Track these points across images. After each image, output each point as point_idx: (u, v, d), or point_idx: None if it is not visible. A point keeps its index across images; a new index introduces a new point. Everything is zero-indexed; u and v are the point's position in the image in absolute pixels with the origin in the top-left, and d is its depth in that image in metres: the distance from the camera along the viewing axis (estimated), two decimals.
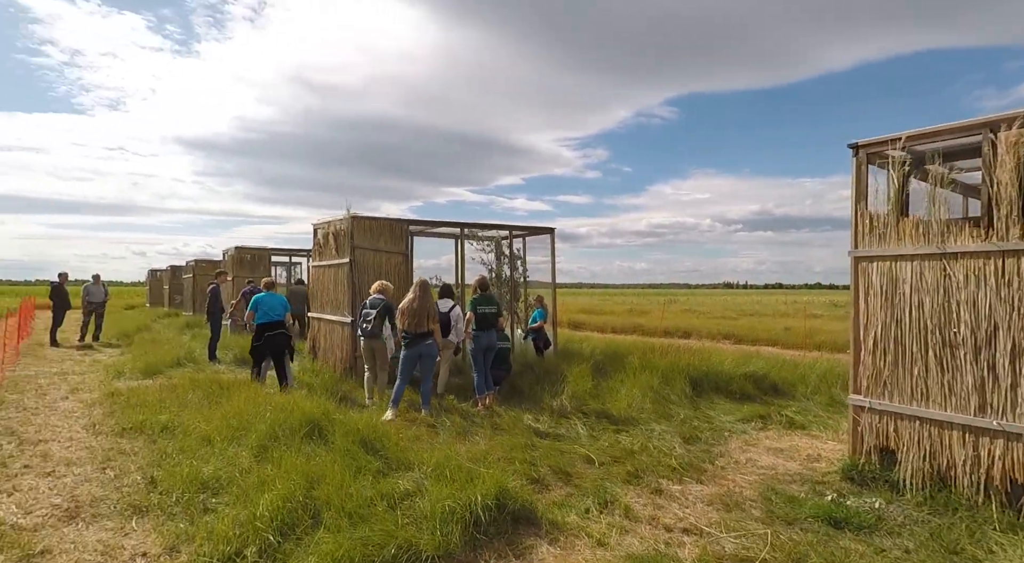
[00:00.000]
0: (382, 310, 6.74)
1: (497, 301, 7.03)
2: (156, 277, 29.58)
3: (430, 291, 6.66)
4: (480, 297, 6.83)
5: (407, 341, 6.43)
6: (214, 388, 6.95)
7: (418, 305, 6.40)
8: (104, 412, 6.23)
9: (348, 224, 8.12)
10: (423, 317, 6.38)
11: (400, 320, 6.50)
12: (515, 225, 9.80)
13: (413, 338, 6.38)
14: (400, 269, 8.48)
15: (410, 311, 6.40)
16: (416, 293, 6.49)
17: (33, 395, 7.27)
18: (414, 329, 6.37)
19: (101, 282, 13.61)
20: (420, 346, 6.35)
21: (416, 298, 6.45)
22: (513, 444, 4.96)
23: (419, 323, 6.37)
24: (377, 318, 6.70)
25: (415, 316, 6.37)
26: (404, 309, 6.45)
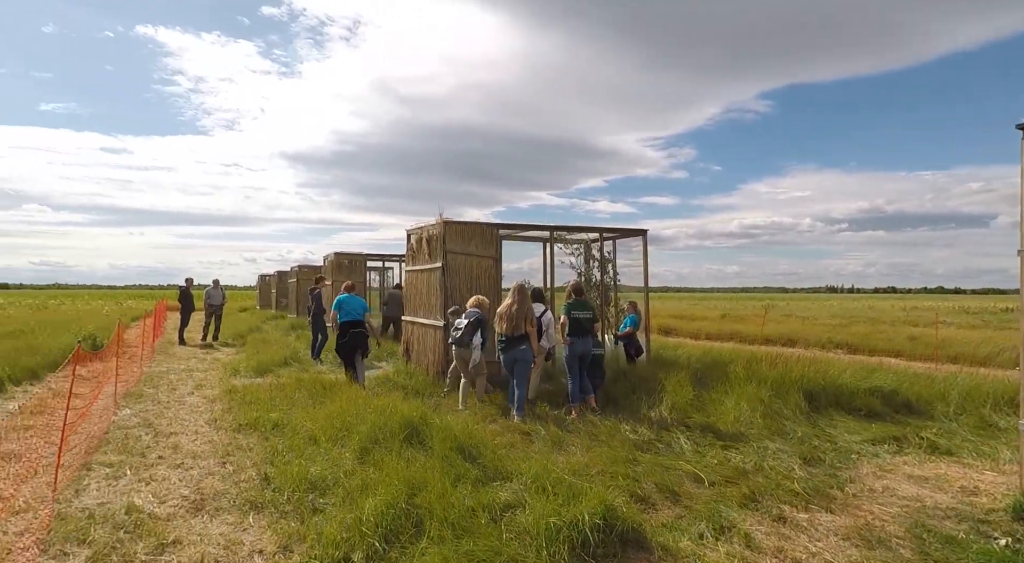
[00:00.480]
0: (475, 321, 6.81)
1: (592, 306, 6.81)
2: (265, 281, 32.07)
3: (528, 295, 6.60)
4: (575, 302, 6.65)
5: (503, 345, 6.44)
6: (318, 388, 7.29)
7: (516, 309, 6.39)
8: (223, 408, 6.70)
9: (440, 229, 8.24)
10: (520, 320, 6.37)
11: (498, 324, 6.53)
12: (605, 227, 9.51)
13: (509, 342, 6.38)
14: (490, 273, 8.48)
15: (508, 315, 6.40)
16: (514, 297, 6.46)
17: (165, 390, 8.01)
18: (511, 332, 6.35)
19: (220, 286, 14.88)
20: (515, 351, 6.35)
21: (514, 302, 6.43)
22: (613, 457, 4.71)
23: (516, 326, 6.35)
24: (468, 328, 6.77)
25: (512, 320, 6.37)
26: (502, 313, 6.47)
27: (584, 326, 6.58)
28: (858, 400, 6.55)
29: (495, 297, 8.48)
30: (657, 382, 7.17)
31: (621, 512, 3.40)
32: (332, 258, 15.41)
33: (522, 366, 6.40)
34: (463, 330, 6.74)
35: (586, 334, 6.59)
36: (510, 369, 6.48)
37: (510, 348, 6.41)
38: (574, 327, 6.55)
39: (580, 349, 6.56)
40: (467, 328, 6.75)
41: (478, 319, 6.82)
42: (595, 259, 9.62)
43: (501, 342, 6.51)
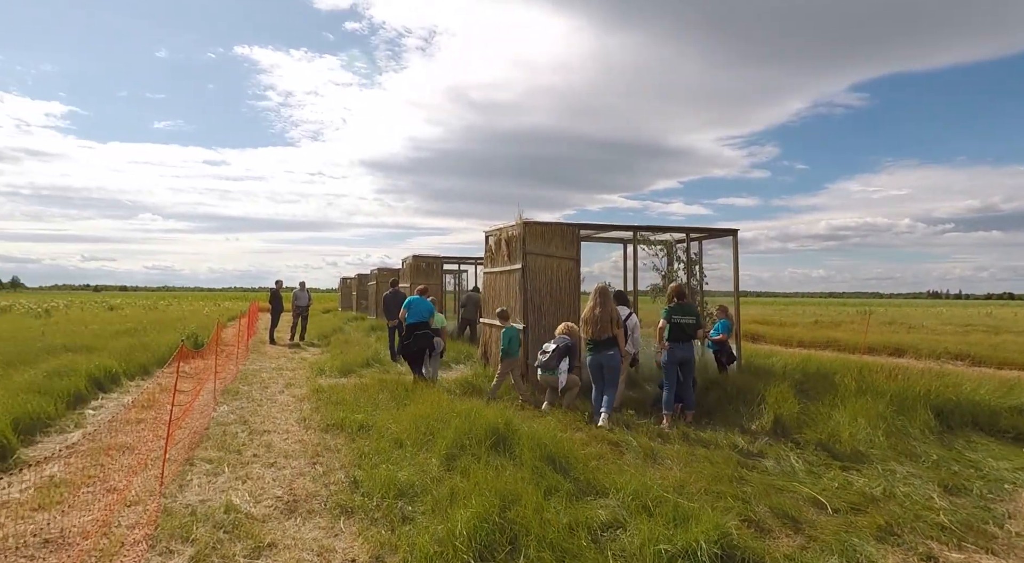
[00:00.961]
0: (563, 348, 6.65)
1: (696, 311, 6.37)
2: (346, 284, 33.49)
3: (610, 296, 6.31)
4: (677, 306, 6.25)
5: (590, 349, 6.22)
6: (400, 391, 7.32)
7: (600, 312, 6.13)
8: (311, 407, 6.86)
9: (520, 230, 8.07)
10: (606, 323, 6.12)
11: (583, 329, 6.31)
12: (692, 227, 8.97)
13: (596, 346, 6.14)
14: (571, 275, 8.21)
15: (592, 319, 6.15)
16: (596, 300, 6.21)
17: (258, 387, 8.36)
18: (597, 336, 6.10)
19: (306, 289, 15.56)
20: (602, 355, 6.10)
21: (596, 305, 6.17)
22: (716, 474, 4.30)
23: (602, 329, 6.10)
24: (556, 354, 6.62)
25: (597, 323, 6.13)
26: (587, 318, 6.25)
27: (686, 331, 6.17)
28: (1002, 420, 5.70)
29: (575, 300, 8.20)
30: (755, 393, 6.60)
31: (738, 539, 3.03)
32: (410, 261, 15.72)
33: (610, 371, 6.12)
34: (550, 355, 6.62)
35: (687, 340, 6.18)
36: (597, 374, 6.22)
37: (597, 352, 6.16)
38: (675, 332, 6.17)
39: (680, 355, 6.16)
40: (554, 354, 6.62)
41: (567, 346, 6.68)
42: (681, 261, 9.10)
43: (588, 346, 6.28)
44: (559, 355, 6.60)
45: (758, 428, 5.79)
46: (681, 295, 6.35)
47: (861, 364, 8.52)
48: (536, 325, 8.00)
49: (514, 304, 8.32)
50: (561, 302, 8.13)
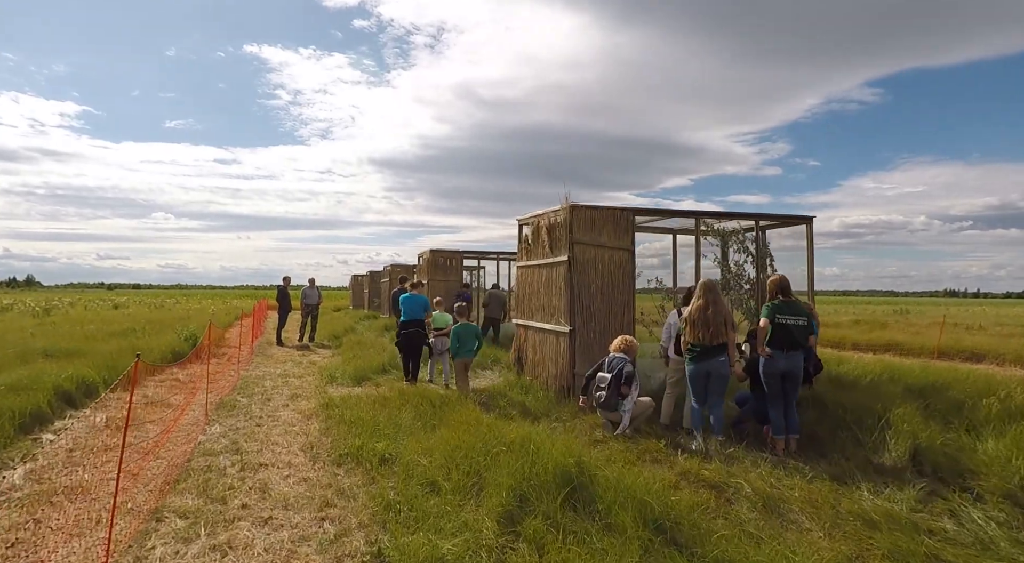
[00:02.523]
0: (622, 375, 5.36)
1: (806, 312, 5.07)
2: (358, 281, 32.42)
3: (720, 293, 5.09)
4: (781, 304, 4.97)
5: (694, 355, 5.06)
6: (425, 406, 6.10)
7: (712, 312, 4.97)
8: (320, 428, 5.66)
9: (566, 215, 6.81)
10: (719, 326, 4.95)
11: (690, 332, 5.10)
12: (764, 214, 7.66)
13: (703, 352, 4.99)
14: (624, 268, 6.94)
15: (702, 320, 4.97)
16: (707, 298, 5.03)
17: (259, 400, 7.18)
18: (709, 341, 4.91)
19: (316, 286, 14.42)
20: (711, 362, 4.98)
21: (708, 304, 5.02)
22: (892, 547, 3.03)
23: (716, 334, 4.93)
24: (614, 384, 5.35)
25: (708, 326, 4.96)
26: (694, 318, 5.06)
27: (794, 336, 4.90)
28: None
29: (630, 298, 6.94)
30: (866, 413, 5.32)
31: None
32: (427, 256, 14.52)
33: (719, 381, 4.98)
34: (608, 389, 5.36)
35: (796, 347, 4.90)
36: (700, 386, 5.04)
37: (704, 359, 5.00)
38: (780, 336, 4.91)
39: (785, 366, 4.91)
40: (612, 384, 5.35)
41: (628, 373, 5.39)
42: (748, 252, 7.79)
43: (693, 351, 5.05)
44: (618, 385, 5.34)
45: (891, 463, 4.50)
46: (785, 290, 5.05)
47: (968, 374, 7.18)
48: (585, 328, 6.75)
49: (557, 303, 7.06)
50: (614, 300, 6.87)
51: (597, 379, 5.54)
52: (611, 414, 5.44)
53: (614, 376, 5.36)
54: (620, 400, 5.36)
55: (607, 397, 5.34)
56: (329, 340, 14.52)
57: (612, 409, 5.37)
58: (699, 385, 5.10)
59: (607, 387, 5.37)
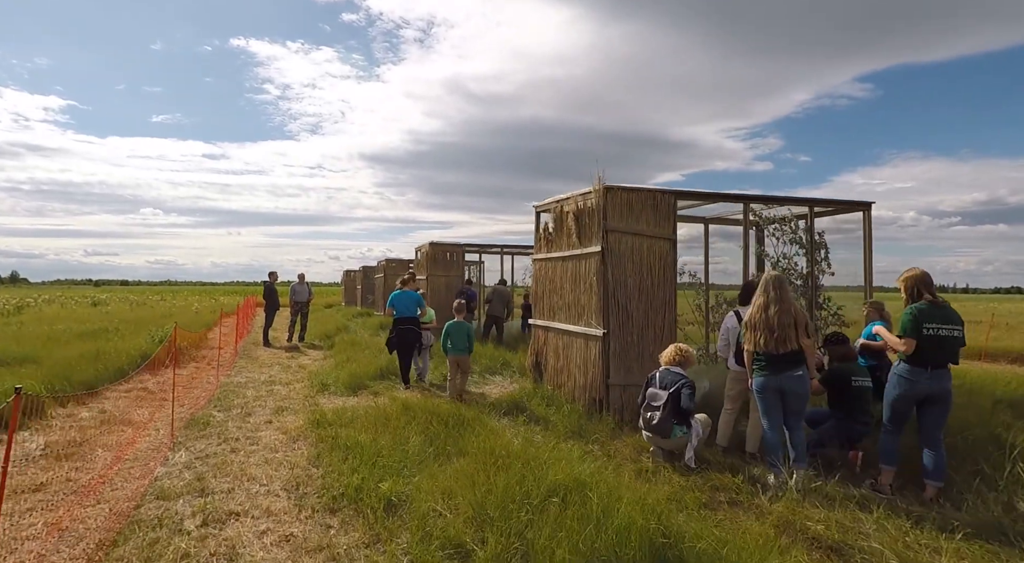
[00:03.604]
0: (678, 393, 4.37)
1: (960, 318, 3.97)
2: (350, 277, 31.30)
3: (788, 290, 4.09)
4: (929, 309, 3.84)
5: (762, 365, 4.05)
6: (436, 424, 5.10)
7: (779, 312, 3.95)
8: (309, 455, 4.63)
9: (599, 199, 5.81)
10: (789, 330, 3.94)
11: (749, 337, 4.10)
12: (818, 198, 6.71)
13: (772, 363, 3.97)
14: (665, 260, 5.95)
15: (765, 323, 3.96)
16: (772, 294, 4.02)
17: (238, 414, 6.14)
18: (775, 349, 3.90)
19: (306, 282, 13.35)
20: (784, 377, 3.98)
21: (774, 302, 4.01)
22: None
23: (783, 339, 3.92)
24: (671, 404, 4.36)
25: (774, 330, 3.95)
26: (756, 322, 4.05)
27: (945, 349, 3.79)
28: None
29: (671, 296, 5.95)
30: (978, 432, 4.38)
31: None
32: (427, 249, 13.47)
33: (796, 400, 3.99)
34: (662, 410, 4.37)
35: (943, 363, 3.85)
36: (772, 405, 4.07)
37: (773, 373, 4.00)
38: (928, 351, 3.77)
39: (930, 388, 3.78)
40: (669, 405, 4.36)
41: (687, 395, 4.40)
42: (800, 243, 6.82)
43: (759, 362, 4.06)
44: (677, 405, 4.36)
45: None
46: (931, 287, 3.95)
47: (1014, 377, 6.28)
48: (621, 331, 5.76)
49: (586, 301, 6.07)
50: (653, 298, 5.88)
51: (648, 395, 4.56)
52: (661, 441, 4.45)
53: (672, 394, 4.37)
54: (675, 425, 4.37)
55: (661, 420, 4.35)
56: (320, 340, 13.47)
57: (665, 435, 4.39)
58: (770, 405, 4.10)
59: (661, 407, 4.38)
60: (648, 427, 4.42)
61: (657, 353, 5.85)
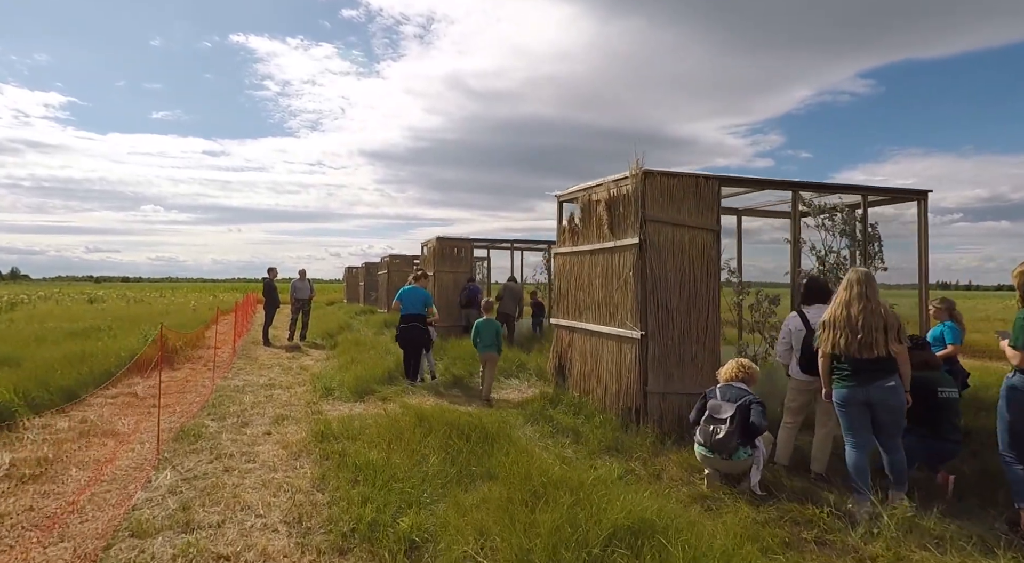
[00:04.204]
0: (747, 408, 3.78)
1: None
2: (352, 273, 30.72)
3: (876, 287, 3.49)
4: None
5: (845, 374, 3.45)
6: (454, 436, 4.51)
7: (864, 312, 3.37)
8: (313, 476, 4.03)
9: (637, 185, 5.19)
10: (876, 334, 3.34)
11: (827, 337, 3.50)
12: (873, 186, 6.08)
13: (858, 371, 3.38)
14: (707, 253, 5.34)
15: (847, 323, 3.39)
16: (857, 290, 3.44)
17: (233, 424, 5.55)
18: (859, 354, 3.31)
19: (307, 278, 12.76)
20: (873, 388, 3.37)
21: (858, 299, 3.42)
22: None
23: (868, 344, 3.32)
24: (738, 422, 3.75)
25: (857, 332, 3.35)
26: (835, 319, 3.47)
27: None
28: None
29: (715, 294, 5.34)
30: None
31: None
32: (434, 244, 12.86)
33: (889, 414, 3.39)
34: (728, 427, 3.76)
35: None
36: (859, 421, 3.48)
37: (860, 383, 3.41)
38: None
39: None
40: (736, 422, 3.76)
41: (748, 405, 3.82)
42: (851, 235, 6.20)
43: (842, 371, 3.46)
44: (745, 422, 3.75)
45: None
46: None
47: None
48: (661, 333, 5.15)
49: (620, 299, 5.46)
50: (696, 295, 5.28)
51: (710, 407, 3.94)
52: (721, 462, 3.83)
53: (740, 407, 3.77)
54: (740, 444, 3.76)
55: (727, 434, 3.73)
56: (322, 339, 12.89)
57: (728, 453, 3.77)
58: (855, 420, 3.51)
59: (728, 421, 3.77)
60: (710, 442, 3.81)
61: (701, 357, 5.28)
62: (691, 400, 5.21)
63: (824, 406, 4.16)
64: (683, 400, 5.21)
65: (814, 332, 4.14)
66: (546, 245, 13.97)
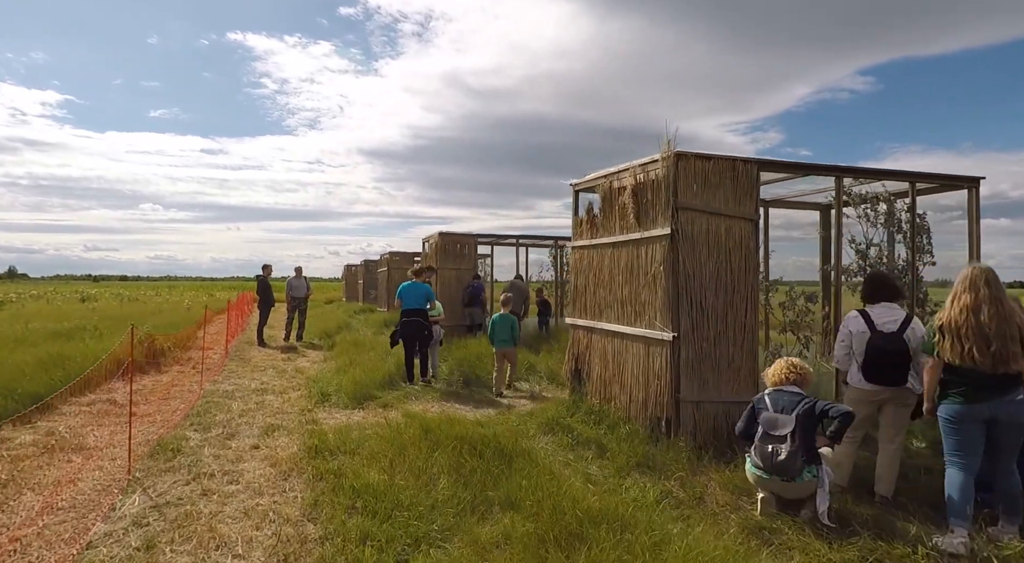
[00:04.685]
0: (807, 417, 3.23)
1: None
2: (351, 272, 30.18)
3: (1003, 288, 2.95)
4: None
5: (963, 389, 2.92)
6: (468, 459, 3.95)
7: (997, 318, 2.84)
8: (305, 503, 3.48)
9: (668, 168, 4.64)
10: (1012, 345, 2.78)
11: (948, 347, 2.95)
12: (921, 172, 5.53)
13: (982, 386, 2.87)
14: (747, 245, 4.79)
15: (977, 331, 2.85)
16: (985, 292, 2.93)
17: (218, 436, 5.00)
18: (992, 368, 2.77)
19: (303, 276, 12.21)
20: (999, 404, 2.84)
21: (988, 303, 2.92)
22: None
23: (1003, 357, 2.80)
24: (800, 436, 3.20)
25: (990, 342, 2.81)
26: (959, 326, 2.96)
27: None
28: None
29: (752, 291, 4.80)
30: None
31: None
32: (436, 240, 12.29)
33: (1014, 433, 2.90)
34: (790, 446, 3.19)
35: None
36: (972, 439, 2.96)
37: (987, 399, 2.89)
38: None
39: None
40: (799, 437, 3.20)
41: (809, 412, 3.27)
42: (897, 227, 5.66)
43: (959, 383, 2.95)
44: (807, 437, 3.21)
45: None
46: None
47: None
48: (695, 334, 4.61)
49: (648, 297, 4.91)
50: (734, 293, 4.73)
51: (763, 422, 3.39)
52: (782, 485, 3.28)
53: (803, 416, 3.21)
54: (805, 463, 3.21)
55: (790, 454, 3.18)
56: (320, 339, 12.35)
57: (792, 476, 3.22)
58: (970, 439, 2.95)
59: (789, 438, 3.22)
60: (769, 465, 3.25)
61: (738, 361, 4.73)
62: (728, 409, 4.68)
63: (895, 418, 3.63)
64: (719, 409, 4.67)
65: (881, 334, 3.62)
66: (552, 241, 13.43)
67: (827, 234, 6.84)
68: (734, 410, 4.71)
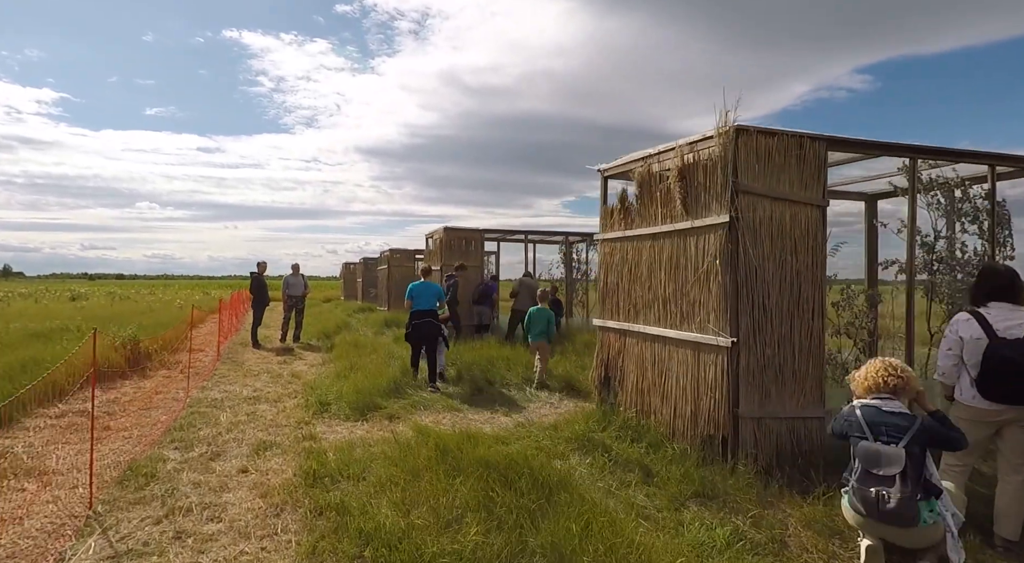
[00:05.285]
0: (916, 442, 2.55)
1: None
2: (350, 270, 29.51)
3: None
4: None
5: None
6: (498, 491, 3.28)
7: None
8: (300, 554, 2.81)
9: (726, 146, 3.97)
10: None
11: None
12: (1004, 154, 4.87)
13: None
14: (815, 236, 4.13)
15: None
16: None
17: (201, 456, 4.32)
18: None
19: (300, 273, 11.53)
20: None
21: None
22: None
23: None
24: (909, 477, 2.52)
25: None
26: None
27: None
28: None
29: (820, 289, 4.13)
30: None
31: None
32: (441, 235, 11.62)
33: None
34: (900, 492, 2.49)
35: None
36: None
37: None
38: None
39: None
40: (911, 477, 2.50)
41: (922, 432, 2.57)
42: (972, 216, 5.00)
43: None
44: (914, 477, 2.52)
45: None
46: None
47: None
48: (754, 339, 3.94)
49: (699, 296, 4.24)
50: (801, 292, 4.06)
51: (860, 454, 2.69)
52: (897, 532, 2.60)
53: (910, 449, 2.53)
54: (921, 503, 2.53)
55: (902, 500, 2.50)
56: (318, 340, 11.67)
57: (909, 523, 2.55)
58: None
59: (898, 479, 2.54)
60: (878, 515, 2.58)
61: (803, 371, 4.07)
62: (792, 426, 4.03)
63: (1019, 443, 2.98)
64: (782, 426, 4.02)
65: (1005, 341, 2.96)
66: (563, 237, 12.79)
67: (874, 226, 6.19)
68: (799, 428, 4.06)
